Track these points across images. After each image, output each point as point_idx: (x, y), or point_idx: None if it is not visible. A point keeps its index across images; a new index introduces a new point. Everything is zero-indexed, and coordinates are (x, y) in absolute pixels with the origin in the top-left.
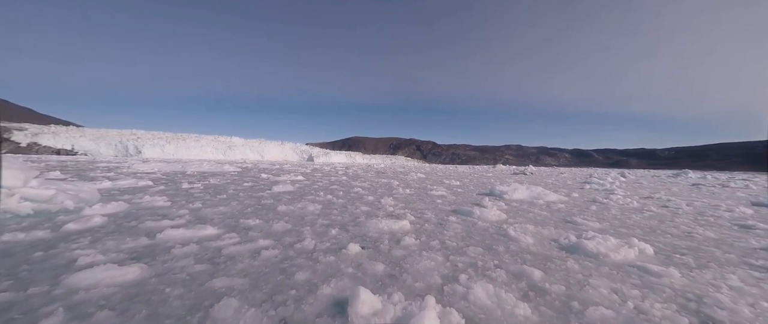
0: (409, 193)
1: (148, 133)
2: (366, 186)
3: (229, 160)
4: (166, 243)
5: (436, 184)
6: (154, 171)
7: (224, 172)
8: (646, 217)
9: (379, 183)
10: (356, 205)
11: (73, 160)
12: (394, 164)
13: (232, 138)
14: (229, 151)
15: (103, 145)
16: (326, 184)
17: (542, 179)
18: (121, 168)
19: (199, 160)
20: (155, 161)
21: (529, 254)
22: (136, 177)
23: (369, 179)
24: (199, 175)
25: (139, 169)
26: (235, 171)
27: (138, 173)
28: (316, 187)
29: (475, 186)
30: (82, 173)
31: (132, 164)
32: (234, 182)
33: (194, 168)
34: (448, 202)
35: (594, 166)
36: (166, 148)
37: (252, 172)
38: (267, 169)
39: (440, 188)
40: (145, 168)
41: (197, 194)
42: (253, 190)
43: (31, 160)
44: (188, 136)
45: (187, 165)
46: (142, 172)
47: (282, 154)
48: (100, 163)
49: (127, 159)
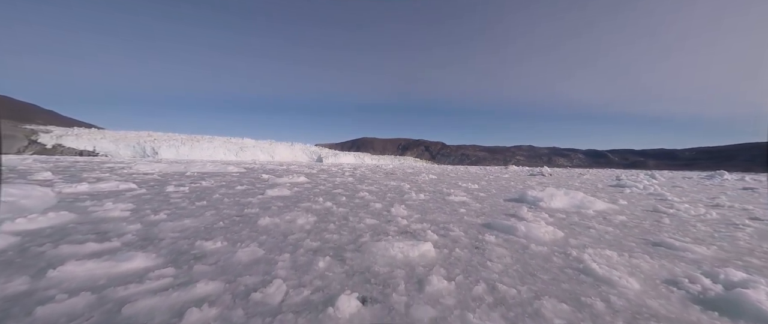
0: (424, 199)
1: (164, 134)
2: (373, 189)
3: (238, 161)
4: (46, 290)
5: (452, 188)
6: (151, 172)
7: (225, 173)
8: (753, 235)
9: (388, 186)
10: (360, 217)
11: (87, 161)
12: (402, 165)
13: (243, 139)
14: (241, 152)
15: (122, 147)
16: (329, 188)
17: (564, 181)
18: (121, 169)
19: (206, 161)
20: (161, 162)
21: (654, 319)
22: (126, 179)
23: (377, 181)
24: (195, 176)
25: (138, 170)
26: (238, 172)
27: (133, 174)
28: (316, 191)
29: (498, 189)
30: (78, 174)
31: (136, 165)
32: (228, 185)
33: (197, 169)
34: (475, 212)
35: (610, 167)
36: (180, 149)
37: (255, 173)
38: (271, 170)
39: (458, 192)
40: (145, 169)
41: (174, 200)
42: (243, 194)
43: (41, 160)
44: (202, 138)
45: (191, 166)
46: (138, 173)
47: (292, 155)
48: (109, 163)
49: (139, 160)
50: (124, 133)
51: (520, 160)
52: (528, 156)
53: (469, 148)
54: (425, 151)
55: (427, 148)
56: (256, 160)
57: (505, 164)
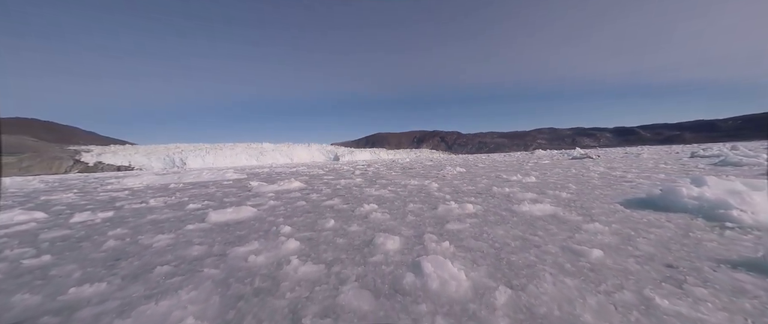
0: (478, 219)
1: (190, 145)
2: (387, 196)
3: (252, 166)
4: None
5: (502, 184)
6: (127, 188)
7: (209, 182)
8: None
9: (408, 188)
10: (341, 300)
11: (61, 178)
12: (419, 158)
13: (263, 144)
14: (261, 156)
15: (154, 159)
16: (320, 199)
17: (626, 164)
18: (109, 185)
19: (202, 170)
20: (150, 174)
21: None
22: (37, 207)
23: (393, 181)
24: (171, 190)
25: (122, 186)
26: (231, 180)
27: (109, 191)
28: (296, 208)
29: (579, 182)
30: (33, 197)
31: (125, 179)
32: (179, 205)
33: (191, 178)
34: (620, 252)
35: (641, 144)
36: (206, 158)
37: (248, 180)
38: (269, 176)
39: (523, 194)
40: (130, 183)
41: (57, 239)
42: (179, 221)
43: (44, 180)
44: (224, 146)
45: (185, 175)
46: (114, 189)
47: (309, 156)
48: (97, 177)
49: (124, 174)
50: (154, 147)
51: (542, 144)
52: (550, 139)
53: (486, 136)
54: (441, 142)
55: (443, 138)
56: (274, 163)
57: (526, 149)
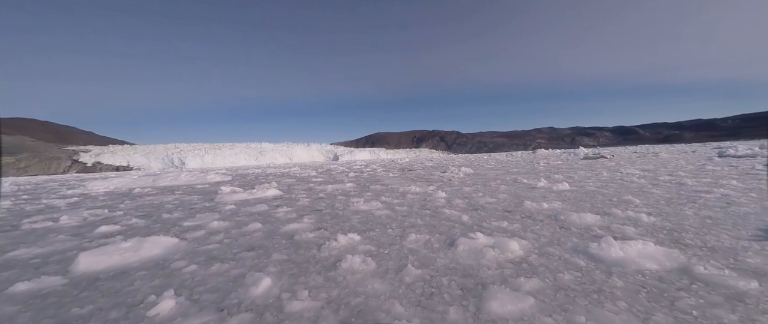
0: (537, 266)
1: (188, 145)
2: (378, 214)
3: (244, 166)
4: None
5: (529, 196)
6: (85, 193)
7: (177, 188)
8: None
9: (407, 199)
10: None
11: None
12: (419, 157)
13: (262, 144)
14: (261, 156)
15: (152, 159)
16: (287, 218)
17: (656, 166)
18: (70, 189)
19: (180, 173)
20: (127, 177)
21: None
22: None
23: (389, 186)
24: (120, 198)
25: (82, 191)
26: (206, 184)
27: (60, 197)
28: (239, 239)
29: (640, 195)
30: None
31: (92, 183)
32: (79, 231)
33: (166, 182)
34: None
35: (641, 143)
36: (205, 157)
37: (220, 185)
38: (251, 181)
39: (582, 222)
40: (95, 187)
41: None
42: (36, 268)
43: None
44: (224, 146)
45: (161, 178)
46: (66, 195)
47: (309, 156)
48: (66, 178)
49: (103, 176)
50: (153, 147)
51: (542, 143)
52: (549, 138)
53: (486, 135)
54: (441, 142)
55: (443, 138)
56: (271, 164)
57: (526, 148)
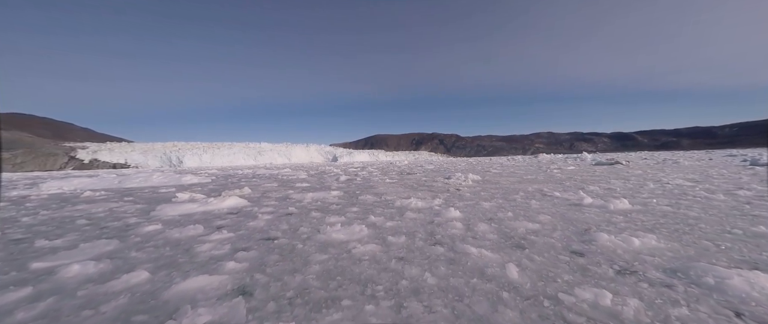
0: None
1: (187, 143)
2: (358, 253)
3: (238, 166)
4: None
5: (591, 221)
6: (27, 196)
7: (133, 191)
8: None
9: (406, 222)
10: None
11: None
12: (418, 160)
13: (261, 144)
14: (259, 156)
15: (150, 157)
16: (214, 252)
17: (673, 174)
18: (26, 190)
19: (152, 172)
20: (92, 177)
21: None
22: None
23: (383, 198)
24: (52, 205)
25: (34, 192)
26: (173, 186)
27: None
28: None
29: (743, 220)
30: None
31: (46, 183)
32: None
33: (136, 183)
34: None
35: (638, 150)
36: (203, 156)
37: (173, 192)
38: (227, 184)
39: (699, 248)
40: (49, 188)
41: None
42: None
43: None
44: (222, 145)
45: (128, 180)
46: (9, 197)
47: (308, 157)
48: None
49: (78, 173)
50: (151, 145)
51: (541, 148)
52: (548, 143)
53: (484, 139)
54: (440, 145)
55: (442, 141)
56: (269, 164)
57: (526, 152)
